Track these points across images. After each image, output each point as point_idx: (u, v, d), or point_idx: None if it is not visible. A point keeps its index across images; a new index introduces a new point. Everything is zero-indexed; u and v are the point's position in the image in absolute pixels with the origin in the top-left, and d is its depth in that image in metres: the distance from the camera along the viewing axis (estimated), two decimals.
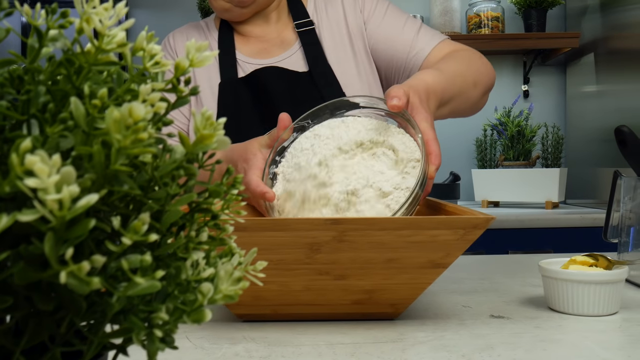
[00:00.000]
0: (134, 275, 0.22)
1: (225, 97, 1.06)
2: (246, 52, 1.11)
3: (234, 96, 1.06)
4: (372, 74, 1.12)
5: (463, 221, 0.60)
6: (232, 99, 1.06)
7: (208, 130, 0.26)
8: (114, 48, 0.24)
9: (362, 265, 0.63)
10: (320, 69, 1.07)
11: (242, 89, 1.06)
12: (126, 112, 0.23)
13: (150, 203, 0.25)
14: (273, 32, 1.13)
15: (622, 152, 0.85)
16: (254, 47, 1.12)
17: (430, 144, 0.72)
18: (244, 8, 1.08)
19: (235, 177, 0.30)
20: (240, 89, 1.06)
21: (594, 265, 0.75)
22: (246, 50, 1.12)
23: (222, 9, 1.09)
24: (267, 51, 1.11)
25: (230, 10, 1.09)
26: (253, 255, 0.31)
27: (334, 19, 1.13)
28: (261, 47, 1.12)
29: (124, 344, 0.27)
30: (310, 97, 1.04)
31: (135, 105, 0.23)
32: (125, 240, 0.22)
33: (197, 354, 0.58)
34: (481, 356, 0.56)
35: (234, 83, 1.07)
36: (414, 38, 1.09)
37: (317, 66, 1.07)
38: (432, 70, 0.89)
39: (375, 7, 1.13)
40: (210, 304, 0.25)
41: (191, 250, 0.27)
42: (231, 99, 1.06)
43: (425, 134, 0.73)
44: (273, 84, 1.05)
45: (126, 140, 0.22)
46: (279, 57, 1.10)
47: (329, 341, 0.61)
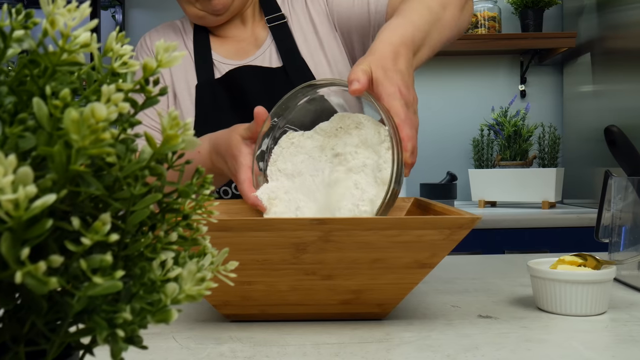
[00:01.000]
0: (94, 275, 0.22)
1: (202, 99, 1.05)
2: (223, 53, 1.11)
3: (211, 98, 1.05)
4: (343, 60, 1.09)
5: (448, 221, 0.60)
6: (209, 100, 1.05)
7: (173, 131, 0.26)
8: (77, 49, 0.24)
9: (348, 266, 0.63)
10: (294, 63, 1.06)
11: (219, 90, 1.06)
12: (88, 112, 0.23)
13: (115, 204, 0.25)
14: (248, 31, 1.13)
15: (611, 152, 0.85)
16: (230, 48, 1.11)
17: (401, 129, 0.69)
18: (218, 16, 1.08)
19: (205, 178, 0.30)
20: (217, 90, 1.06)
21: (582, 265, 0.75)
22: (222, 51, 1.11)
23: (196, 16, 1.08)
24: (244, 51, 1.11)
25: (204, 18, 1.08)
26: (224, 255, 0.31)
27: (300, 10, 1.12)
28: (237, 47, 1.11)
29: (90, 344, 0.27)
30: (287, 92, 1.03)
31: (96, 105, 0.23)
32: (85, 240, 0.22)
33: (182, 354, 0.58)
34: (465, 356, 0.56)
35: (210, 84, 1.06)
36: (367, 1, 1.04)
37: (290, 60, 1.06)
38: (394, 20, 0.83)
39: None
40: (174, 304, 0.25)
41: (159, 251, 0.27)
42: (208, 100, 1.05)
43: (395, 115, 0.69)
44: (248, 83, 1.05)
45: (85, 140, 0.22)
46: (253, 56, 1.09)
47: (314, 341, 0.61)
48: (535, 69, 2.64)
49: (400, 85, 0.72)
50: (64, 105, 0.23)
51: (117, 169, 0.25)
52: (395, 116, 0.69)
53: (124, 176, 0.25)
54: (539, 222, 2.02)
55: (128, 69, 0.28)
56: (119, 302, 0.25)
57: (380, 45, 0.76)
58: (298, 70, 1.05)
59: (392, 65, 0.74)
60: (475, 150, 2.41)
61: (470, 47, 2.40)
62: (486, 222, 2.01)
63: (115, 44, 0.29)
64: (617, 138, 0.81)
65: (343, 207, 0.72)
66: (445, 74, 2.59)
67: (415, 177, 2.54)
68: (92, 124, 0.23)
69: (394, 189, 0.68)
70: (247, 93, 1.04)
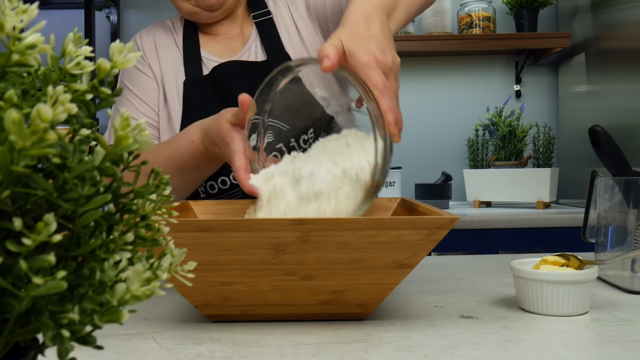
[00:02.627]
0: (36, 275, 0.22)
1: (190, 96, 1.06)
2: (212, 50, 1.11)
3: (198, 94, 1.06)
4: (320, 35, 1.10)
5: (427, 221, 0.60)
6: (196, 97, 1.06)
7: (124, 132, 0.26)
8: (23, 50, 0.24)
9: (328, 266, 0.63)
10: (277, 57, 1.06)
11: (206, 86, 1.06)
12: (34, 113, 0.23)
13: (65, 204, 0.25)
14: (237, 29, 1.14)
15: (596, 152, 0.85)
16: (219, 46, 1.12)
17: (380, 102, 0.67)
18: (212, 12, 1.08)
19: (161, 179, 0.30)
20: (205, 86, 1.06)
21: (565, 265, 0.75)
22: (212, 49, 1.12)
23: (189, 12, 1.08)
24: (232, 48, 1.11)
25: (198, 14, 1.08)
26: (182, 255, 0.31)
27: (282, 6, 1.13)
28: (227, 45, 1.12)
29: (41, 345, 0.27)
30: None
31: (41, 106, 0.23)
32: (27, 241, 0.22)
33: (160, 354, 0.58)
34: (443, 356, 0.56)
35: (198, 81, 1.07)
36: None
37: (274, 54, 1.07)
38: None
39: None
40: (122, 305, 0.25)
41: (112, 251, 0.28)
42: (196, 97, 1.06)
43: (374, 87, 0.67)
44: (234, 78, 1.05)
45: (27, 141, 0.22)
46: (240, 53, 1.10)
47: (294, 341, 0.61)
48: (530, 69, 2.64)
49: (375, 52, 0.69)
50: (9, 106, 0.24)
51: (69, 170, 0.25)
52: (374, 88, 0.67)
53: (73, 177, 0.25)
54: (534, 222, 2.02)
55: (82, 70, 0.28)
56: (67, 303, 0.25)
57: (350, 14, 0.74)
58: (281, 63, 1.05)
59: (364, 32, 0.71)
60: (470, 151, 2.41)
61: (465, 47, 2.40)
62: (480, 222, 2.01)
63: (72, 46, 0.29)
64: (602, 138, 0.82)
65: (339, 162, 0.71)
66: (440, 74, 2.59)
67: (410, 177, 2.54)
68: (36, 125, 0.23)
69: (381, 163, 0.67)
70: (232, 88, 1.05)
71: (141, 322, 0.70)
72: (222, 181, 1.03)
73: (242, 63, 1.07)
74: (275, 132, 0.87)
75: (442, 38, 2.38)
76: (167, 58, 1.10)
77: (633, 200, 0.81)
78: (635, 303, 0.76)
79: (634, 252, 0.76)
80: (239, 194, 1.03)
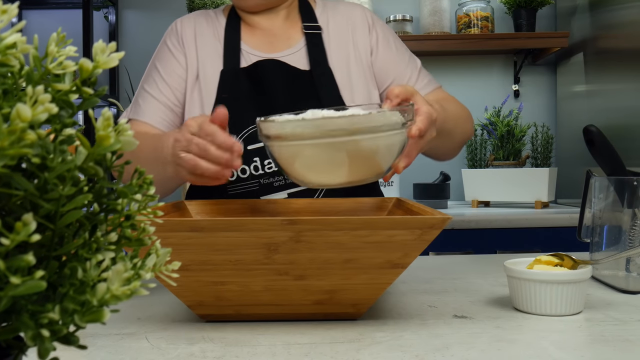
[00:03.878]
0: (14, 275, 0.22)
1: (225, 86, 1.08)
2: (251, 43, 1.13)
3: (233, 85, 1.08)
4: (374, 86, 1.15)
5: (419, 221, 0.60)
6: (231, 87, 1.07)
7: (106, 132, 0.26)
8: (3, 50, 0.24)
9: (320, 266, 0.63)
10: (321, 71, 1.10)
11: (242, 78, 1.08)
12: (14, 113, 0.23)
13: (46, 204, 0.25)
14: (280, 28, 1.16)
15: (590, 151, 0.85)
16: (259, 40, 1.14)
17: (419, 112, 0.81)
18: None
19: (144, 178, 0.30)
20: (241, 78, 1.08)
21: (559, 265, 0.75)
22: (252, 41, 1.14)
23: None
24: (272, 45, 1.13)
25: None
26: (166, 255, 0.31)
27: (342, 28, 1.17)
28: (266, 41, 1.14)
29: (22, 344, 0.27)
30: (308, 94, 1.08)
31: (20, 106, 0.23)
32: (4, 240, 0.22)
33: (152, 354, 0.58)
34: (434, 356, 0.56)
35: (235, 72, 1.09)
36: (415, 80, 1.17)
37: (318, 67, 1.10)
38: (437, 103, 0.96)
39: (384, 35, 1.19)
40: (103, 304, 0.25)
41: (94, 250, 0.28)
42: (231, 87, 1.08)
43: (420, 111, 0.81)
44: (273, 77, 1.08)
45: (4, 141, 0.22)
46: (282, 53, 1.12)
47: (286, 341, 0.61)
48: (529, 69, 2.64)
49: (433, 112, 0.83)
50: None
51: (50, 169, 0.25)
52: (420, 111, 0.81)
53: (54, 177, 0.25)
54: (532, 222, 2.02)
55: (65, 70, 0.28)
56: (48, 303, 0.25)
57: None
58: (323, 76, 1.09)
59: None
60: (469, 150, 2.41)
61: (463, 47, 2.40)
62: (479, 222, 2.01)
63: (54, 46, 0.29)
64: (596, 138, 0.82)
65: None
66: (438, 73, 2.59)
67: (408, 177, 2.54)
68: (15, 125, 0.23)
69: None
70: (269, 85, 1.07)
71: (134, 322, 0.70)
72: (242, 170, 1.03)
73: (284, 65, 1.09)
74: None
75: (440, 38, 2.38)
76: (204, 47, 1.12)
77: (627, 200, 0.81)
78: (629, 303, 0.76)
79: (627, 251, 0.76)
80: (256, 186, 1.03)
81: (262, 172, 1.03)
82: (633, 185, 0.81)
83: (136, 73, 2.52)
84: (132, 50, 2.50)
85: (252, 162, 1.03)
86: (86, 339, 0.63)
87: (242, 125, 1.04)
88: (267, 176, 1.03)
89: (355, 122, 0.71)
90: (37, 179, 0.26)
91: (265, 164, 1.03)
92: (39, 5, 2.58)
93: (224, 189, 1.04)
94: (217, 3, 2.32)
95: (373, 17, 1.21)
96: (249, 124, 1.04)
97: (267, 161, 1.03)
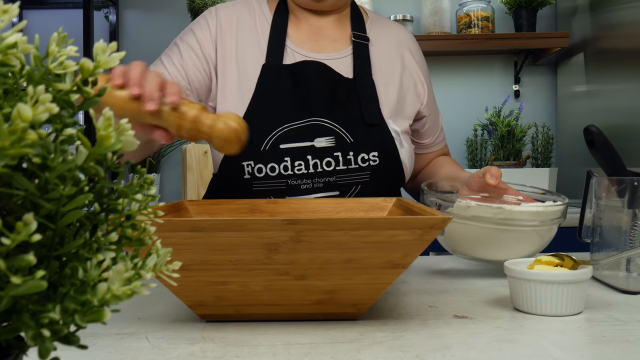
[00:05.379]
0: (15, 275, 0.22)
1: (265, 80, 1.06)
2: (296, 39, 1.12)
3: (274, 81, 1.06)
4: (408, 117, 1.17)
5: (419, 221, 0.60)
6: (272, 83, 1.06)
7: (106, 132, 0.26)
8: (4, 50, 0.24)
9: (321, 266, 0.63)
10: (364, 81, 1.10)
11: (284, 75, 1.07)
12: (15, 113, 0.23)
13: (47, 204, 0.25)
14: (328, 29, 1.15)
15: (590, 152, 0.85)
16: (305, 36, 1.13)
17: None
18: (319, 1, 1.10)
19: (145, 178, 0.30)
20: (283, 75, 1.07)
21: (559, 265, 0.75)
22: (296, 37, 1.12)
23: None
24: (317, 44, 1.12)
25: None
26: (167, 255, 0.31)
27: (391, 47, 1.18)
28: (312, 38, 1.13)
29: (23, 344, 0.27)
30: (348, 102, 1.07)
31: (21, 106, 0.23)
32: (5, 240, 0.22)
33: (152, 354, 0.58)
34: (434, 356, 0.56)
35: (277, 68, 1.07)
36: (439, 131, 1.29)
37: (363, 78, 1.10)
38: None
39: (429, 80, 1.24)
40: (103, 304, 0.25)
41: (95, 250, 0.28)
42: (271, 83, 1.06)
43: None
44: (316, 79, 1.06)
45: (5, 141, 0.22)
46: (327, 55, 1.11)
47: (286, 341, 0.61)
48: (529, 69, 2.64)
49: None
50: None
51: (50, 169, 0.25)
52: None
53: (55, 177, 0.25)
54: None
55: (66, 70, 0.28)
56: (49, 302, 0.25)
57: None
58: (366, 87, 1.10)
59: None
60: (469, 150, 2.41)
61: (464, 47, 2.40)
62: None
63: (54, 46, 0.29)
64: (596, 138, 0.81)
65: None
66: (438, 73, 2.59)
67: None
68: (16, 125, 0.23)
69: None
70: (310, 87, 1.06)
71: (135, 322, 0.70)
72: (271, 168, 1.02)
73: (329, 69, 1.08)
74: None
75: (440, 38, 2.38)
76: (245, 40, 1.10)
77: (628, 200, 0.81)
78: (629, 303, 0.76)
79: (627, 252, 0.76)
80: (283, 186, 1.02)
81: (291, 173, 1.01)
82: (633, 185, 0.81)
83: None
84: (132, 50, 2.50)
85: (283, 161, 1.01)
86: (86, 338, 0.63)
87: (278, 123, 1.03)
88: (295, 177, 1.02)
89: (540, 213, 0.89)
90: (37, 178, 0.26)
91: (296, 165, 1.01)
92: (39, 5, 2.59)
93: (250, 184, 1.02)
94: (217, 2, 2.32)
95: (418, 46, 1.25)
96: (285, 122, 1.03)
97: (298, 162, 1.01)
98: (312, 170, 1.02)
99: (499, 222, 0.87)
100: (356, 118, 1.06)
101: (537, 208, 0.89)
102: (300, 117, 1.04)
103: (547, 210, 0.89)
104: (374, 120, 1.07)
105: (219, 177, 1.11)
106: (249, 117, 1.03)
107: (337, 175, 1.03)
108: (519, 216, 0.87)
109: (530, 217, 0.88)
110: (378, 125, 1.07)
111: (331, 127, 1.04)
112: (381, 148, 1.06)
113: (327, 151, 1.03)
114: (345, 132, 1.04)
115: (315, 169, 1.02)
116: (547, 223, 0.90)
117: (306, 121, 1.04)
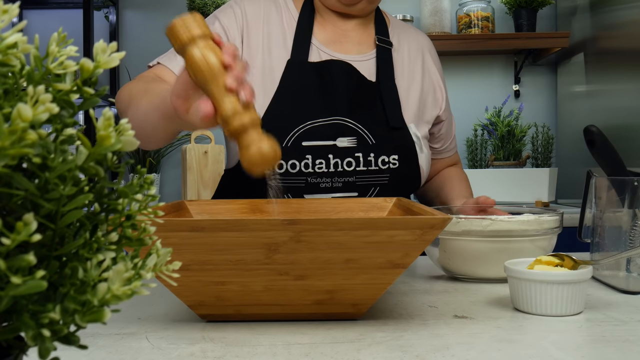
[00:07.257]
0: (15, 275, 0.22)
1: (290, 76, 1.06)
2: (321, 38, 1.12)
3: (299, 78, 1.06)
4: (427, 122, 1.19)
5: (419, 221, 0.60)
6: (296, 79, 1.06)
7: (106, 132, 0.26)
8: (4, 50, 0.24)
9: (321, 266, 0.63)
10: (388, 85, 1.11)
11: (309, 72, 1.07)
12: (15, 113, 0.23)
13: (47, 204, 0.25)
14: (353, 31, 1.15)
15: (590, 152, 0.85)
16: (330, 35, 1.13)
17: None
18: (350, 5, 1.10)
19: (145, 178, 0.30)
20: (308, 72, 1.07)
21: (559, 265, 0.75)
22: (322, 36, 1.12)
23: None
24: (342, 45, 1.13)
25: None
26: (167, 255, 0.31)
27: (413, 53, 1.19)
28: (336, 39, 1.13)
29: (23, 344, 0.27)
30: (371, 104, 1.08)
31: (21, 106, 0.23)
32: (5, 240, 0.22)
33: (152, 353, 0.58)
34: (435, 356, 0.56)
35: (302, 65, 1.07)
36: (452, 138, 1.31)
37: (386, 82, 1.11)
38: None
39: (445, 84, 1.25)
40: (103, 304, 0.25)
41: (95, 250, 0.28)
42: (296, 79, 1.06)
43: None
44: (341, 79, 1.07)
45: (5, 141, 0.22)
46: (352, 56, 1.11)
47: (287, 341, 0.61)
48: (529, 69, 2.64)
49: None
50: None
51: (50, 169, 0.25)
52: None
53: (55, 177, 0.25)
54: None
55: (66, 70, 0.28)
56: (49, 302, 0.25)
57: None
58: (388, 91, 1.11)
59: None
60: (469, 150, 2.41)
61: (464, 47, 2.40)
62: None
63: (55, 46, 0.29)
64: (596, 138, 0.81)
65: None
66: None
67: None
68: (16, 125, 0.23)
69: None
70: (335, 86, 1.06)
71: (135, 322, 0.70)
72: (291, 164, 1.02)
73: (354, 70, 1.08)
74: None
75: (440, 38, 2.38)
76: (272, 35, 1.10)
77: (628, 200, 0.81)
78: (629, 303, 0.76)
79: (627, 252, 0.76)
80: (302, 183, 1.02)
81: (312, 171, 1.01)
82: (633, 185, 0.81)
83: (137, 73, 2.52)
84: (132, 50, 2.50)
85: (304, 158, 1.01)
86: (86, 338, 0.63)
87: (300, 120, 1.03)
88: (315, 175, 1.02)
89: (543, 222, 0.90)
90: (37, 178, 0.26)
91: (317, 163, 1.02)
92: (39, 5, 2.59)
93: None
94: (217, 3, 2.32)
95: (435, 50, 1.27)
96: (307, 119, 1.03)
97: (319, 160, 1.01)
98: (333, 169, 1.02)
99: (490, 234, 0.86)
100: (379, 120, 1.07)
101: (528, 217, 0.88)
102: (324, 115, 1.04)
103: (538, 220, 0.88)
104: (397, 124, 1.08)
105: (234, 172, 1.10)
106: (271, 112, 1.03)
107: (357, 175, 1.03)
108: (509, 226, 0.86)
109: (522, 227, 0.87)
110: (400, 129, 1.08)
111: (354, 127, 1.04)
112: (402, 152, 1.07)
113: (348, 151, 1.03)
114: (368, 134, 1.05)
115: (335, 168, 1.02)
116: (540, 233, 0.89)
117: (330, 120, 1.04)
